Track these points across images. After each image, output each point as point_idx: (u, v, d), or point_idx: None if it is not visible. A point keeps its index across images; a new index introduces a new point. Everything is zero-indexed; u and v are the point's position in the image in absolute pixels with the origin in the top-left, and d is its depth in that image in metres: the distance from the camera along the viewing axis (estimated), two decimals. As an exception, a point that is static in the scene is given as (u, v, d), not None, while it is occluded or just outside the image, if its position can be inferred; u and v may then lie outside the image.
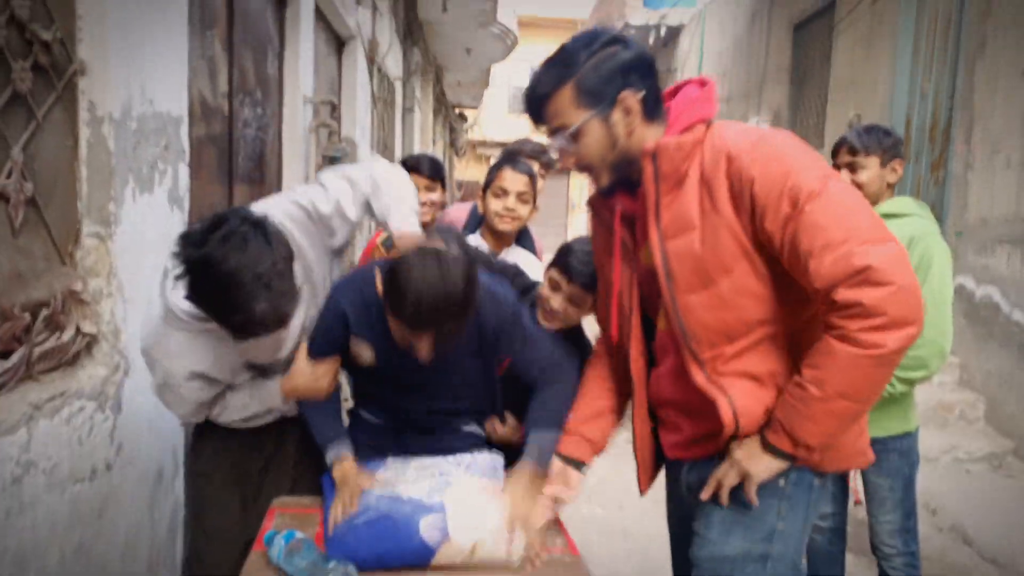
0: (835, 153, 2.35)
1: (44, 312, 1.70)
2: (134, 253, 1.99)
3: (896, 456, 2.30)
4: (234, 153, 2.93)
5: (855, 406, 1.30)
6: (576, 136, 1.39)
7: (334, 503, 1.63)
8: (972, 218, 4.91)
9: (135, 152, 1.99)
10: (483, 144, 19.86)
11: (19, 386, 1.64)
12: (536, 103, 1.42)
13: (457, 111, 15.49)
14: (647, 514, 3.37)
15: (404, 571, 1.51)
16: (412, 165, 2.74)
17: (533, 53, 22.04)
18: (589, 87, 1.36)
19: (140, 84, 1.99)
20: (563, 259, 1.83)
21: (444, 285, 1.43)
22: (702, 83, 1.46)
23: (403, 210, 1.85)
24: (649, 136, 1.40)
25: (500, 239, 2.38)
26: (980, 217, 4.84)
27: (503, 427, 1.92)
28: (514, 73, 22.49)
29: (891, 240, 1.25)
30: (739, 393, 1.39)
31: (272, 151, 3.48)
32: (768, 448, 1.37)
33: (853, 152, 2.28)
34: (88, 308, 1.85)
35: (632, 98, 1.36)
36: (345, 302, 1.74)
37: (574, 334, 1.95)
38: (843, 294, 1.22)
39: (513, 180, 2.31)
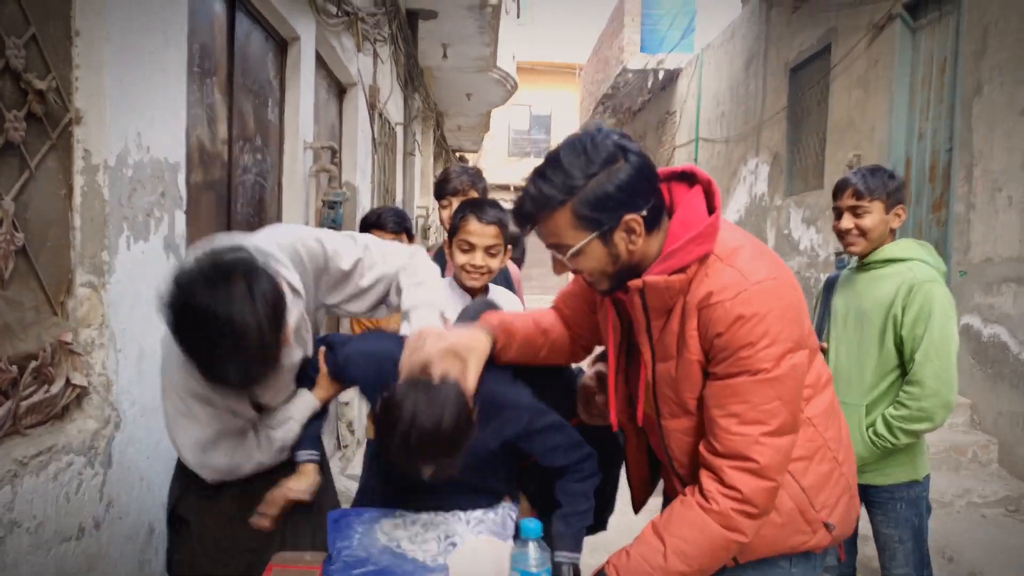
0: (837, 194, 2.32)
1: (33, 364, 1.66)
2: (128, 303, 1.95)
3: (903, 505, 2.23)
4: (233, 199, 2.91)
5: None
6: (575, 255, 1.33)
7: (281, 482, 1.60)
8: (976, 258, 4.88)
9: (130, 200, 1.96)
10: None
11: (4, 441, 1.59)
12: (528, 220, 1.34)
13: (458, 155, 15.64)
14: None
15: None
16: (374, 221, 2.68)
17: (533, 97, 22.48)
18: (589, 212, 1.27)
19: (137, 131, 1.98)
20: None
21: (433, 421, 1.32)
22: (709, 193, 1.37)
23: (430, 313, 1.75)
24: (651, 249, 1.35)
25: (473, 293, 2.20)
26: (984, 257, 4.81)
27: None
28: (514, 117, 22.83)
29: (790, 434, 1.32)
30: None
31: (272, 196, 3.47)
32: None
33: (858, 196, 2.25)
34: (79, 359, 1.81)
35: (635, 220, 1.29)
36: (358, 375, 1.64)
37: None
38: (727, 472, 1.30)
39: (480, 233, 2.10)
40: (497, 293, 2.27)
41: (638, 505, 1.73)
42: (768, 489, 1.30)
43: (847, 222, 2.28)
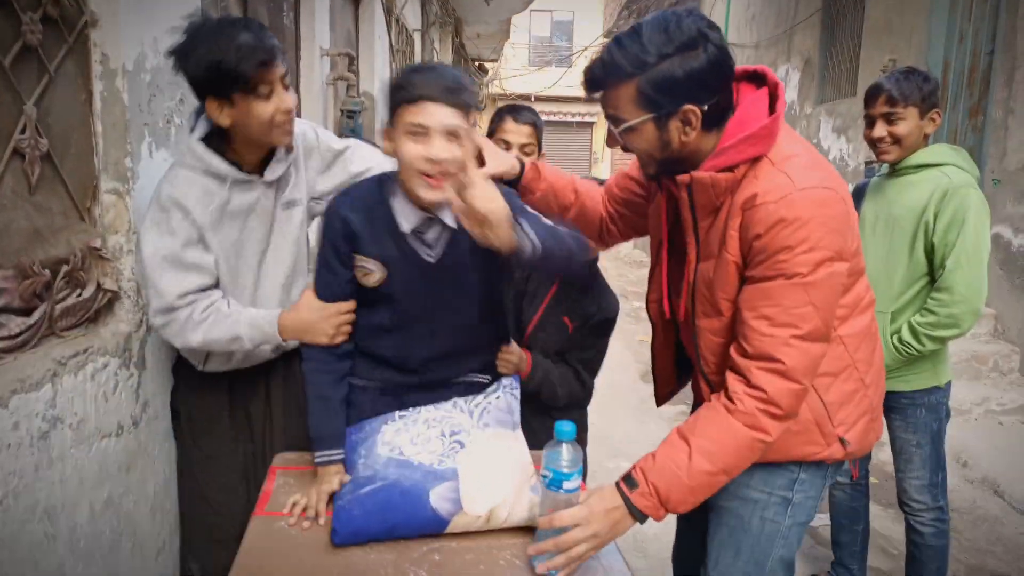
0: (869, 101, 2.23)
1: (64, 268, 1.69)
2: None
3: (924, 411, 2.24)
4: (251, 107, 2.88)
5: (728, 479, 1.35)
6: (628, 131, 1.33)
7: (296, 498, 1.53)
8: (1012, 165, 4.74)
9: (150, 105, 1.95)
10: (504, 97, 19.58)
11: (42, 343, 1.64)
12: (595, 84, 1.34)
13: (477, 64, 15.25)
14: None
15: (417, 539, 1.43)
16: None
17: (555, 3, 21.62)
18: (653, 92, 1.27)
19: (153, 36, 1.95)
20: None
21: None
22: (774, 96, 1.34)
23: None
24: (705, 145, 1.34)
25: None
26: (1020, 165, 4.67)
27: (510, 354, 1.83)
28: (534, 25, 22.09)
29: (822, 341, 1.32)
30: None
31: (290, 105, 3.43)
32: (634, 513, 1.33)
33: (892, 102, 2.17)
34: (108, 265, 1.84)
35: (694, 112, 1.28)
36: (347, 211, 1.58)
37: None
38: (755, 373, 1.31)
39: (516, 132, 2.20)
40: None
41: (661, 399, 1.76)
42: (793, 391, 1.31)
43: (880, 130, 2.20)
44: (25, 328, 1.58)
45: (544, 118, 3.25)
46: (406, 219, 1.57)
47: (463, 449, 1.53)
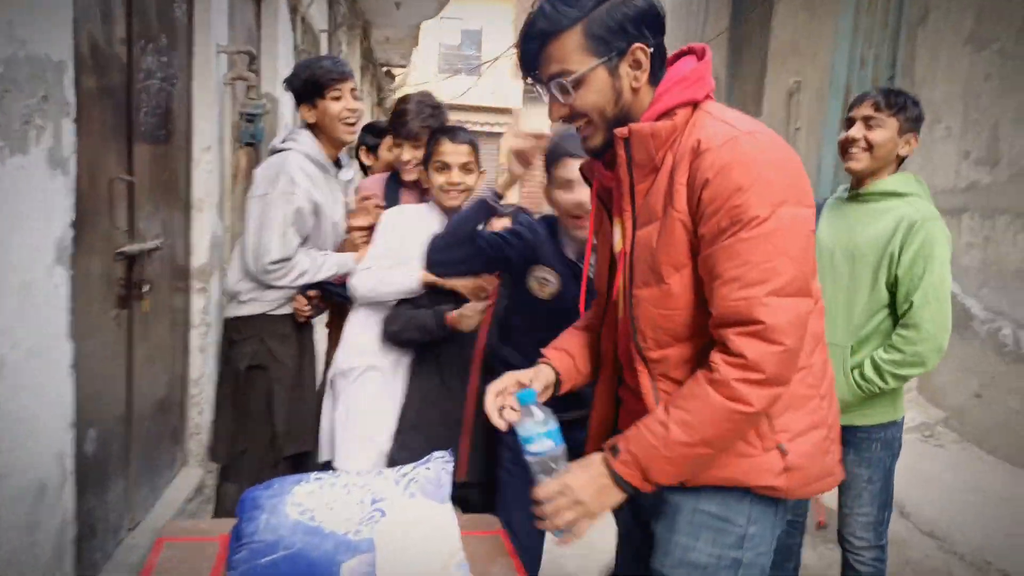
0: (856, 104, 2.18)
1: None
2: (6, 228, 1.65)
3: (879, 446, 2.18)
4: (134, 107, 2.55)
5: (712, 454, 1.26)
6: (577, 84, 1.28)
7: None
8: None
9: (2, 103, 1.64)
10: (412, 104, 19.20)
11: None
12: (535, 41, 1.29)
13: (385, 69, 14.90)
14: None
15: None
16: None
17: (464, 11, 21.61)
18: (601, 32, 1.25)
19: (7, 22, 1.64)
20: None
21: None
22: (701, 54, 1.33)
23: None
24: (647, 99, 1.31)
25: (451, 213, 2.28)
26: (919, 188, 4.84)
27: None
28: (444, 32, 21.89)
29: (802, 295, 1.22)
30: None
31: (180, 106, 3.09)
32: (617, 481, 1.27)
33: (877, 107, 2.11)
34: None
35: (643, 50, 1.27)
36: (527, 230, 2.05)
37: None
38: (732, 340, 1.20)
39: (455, 152, 2.25)
40: None
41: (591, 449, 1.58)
42: (777, 353, 1.19)
43: (857, 131, 2.13)
44: None
45: (452, 127, 3.13)
46: (570, 249, 2.03)
47: (384, 518, 1.35)
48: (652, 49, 1.28)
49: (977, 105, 4.42)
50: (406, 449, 2.12)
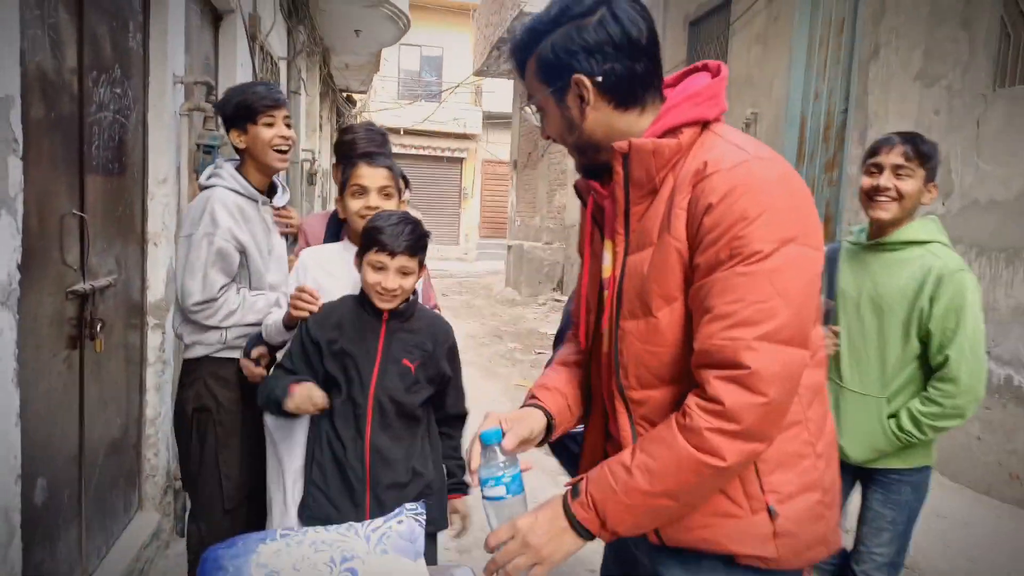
0: (881, 149, 2.13)
1: None
2: (-55, 271, 1.56)
3: (909, 489, 2.17)
4: (86, 140, 2.46)
5: (678, 507, 1.15)
6: (538, 110, 1.29)
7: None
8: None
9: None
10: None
11: None
12: (516, 64, 1.30)
13: (345, 95, 14.85)
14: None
15: None
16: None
17: (424, 37, 21.72)
18: (546, 63, 1.22)
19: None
20: (375, 238, 1.88)
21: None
22: (716, 71, 1.25)
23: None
24: (621, 125, 1.22)
25: None
26: (874, 218, 4.94)
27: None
28: (404, 59, 21.95)
29: (796, 345, 1.10)
30: None
31: (135, 138, 3.00)
32: (574, 525, 1.17)
33: (907, 156, 2.09)
34: None
35: (585, 82, 1.19)
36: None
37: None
38: (711, 383, 1.09)
39: (371, 176, 2.12)
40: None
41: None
42: (758, 405, 1.07)
43: (887, 180, 2.09)
44: None
45: (414, 152, 3.16)
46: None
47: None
48: (601, 79, 1.19)
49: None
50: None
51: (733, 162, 1.12)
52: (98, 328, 2.45)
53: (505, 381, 6.19)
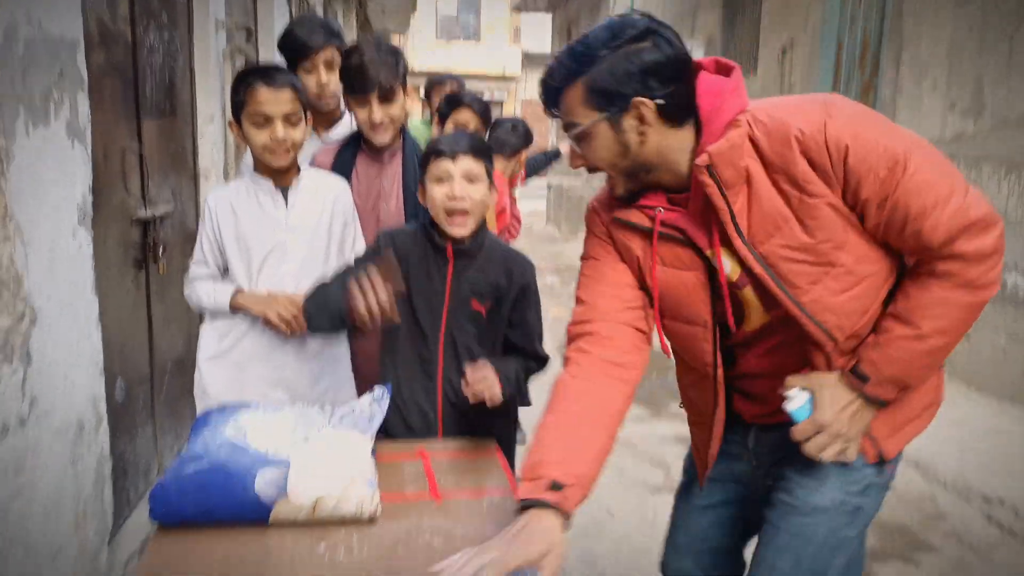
0: None
1: (-69, 260, 1.57)
2: (32, 192, 1.82)
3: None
4: (140, 83, 2.70)
5: (955, 344, 1.32)
6: (583, 137, 1.30)
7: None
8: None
9: (24, 80, 1.80)
10: (410, 74, 19.24)
11: (-91, 341, 1.50)
12: (549, 94, 1.33)
13: (384, 38, 14.87)
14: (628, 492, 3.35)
15: (246, 527, 1.36)
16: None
17: (463, -25, 21.20)
18: (601, 88, 1.24)
19: (25, 6, 1.79)
20: (433, 149, 1.78)
21: None
22: (726, 69, 1.33)
23: None
24: (673, 142, 1.29)
25: (282, 175, 1.95)
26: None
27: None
28: (441, 2, 21.73)
29: (972, 186, 1.26)
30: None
31: (183, 80, 3.24)
32: (872, 403, 1.34)
33: None
34: (-17, 254, 1.70)
35: (647, 105, 1.24)
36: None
37: None
38: (964, 245, 1.22)
39: (275, 100, 1.81)
40: (313, 176, 2.04)
41: (703, 480, 1.61)
42: (1002, 230, 1.24)
43: None
44: None
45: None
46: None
47: (306, 442, 1.47)
48: (662, 100, 1.24)
49: (961, 58, 4.51)
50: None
51: (819, 114, 1.23)
52: (160, 252, 2.73)
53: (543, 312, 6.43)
